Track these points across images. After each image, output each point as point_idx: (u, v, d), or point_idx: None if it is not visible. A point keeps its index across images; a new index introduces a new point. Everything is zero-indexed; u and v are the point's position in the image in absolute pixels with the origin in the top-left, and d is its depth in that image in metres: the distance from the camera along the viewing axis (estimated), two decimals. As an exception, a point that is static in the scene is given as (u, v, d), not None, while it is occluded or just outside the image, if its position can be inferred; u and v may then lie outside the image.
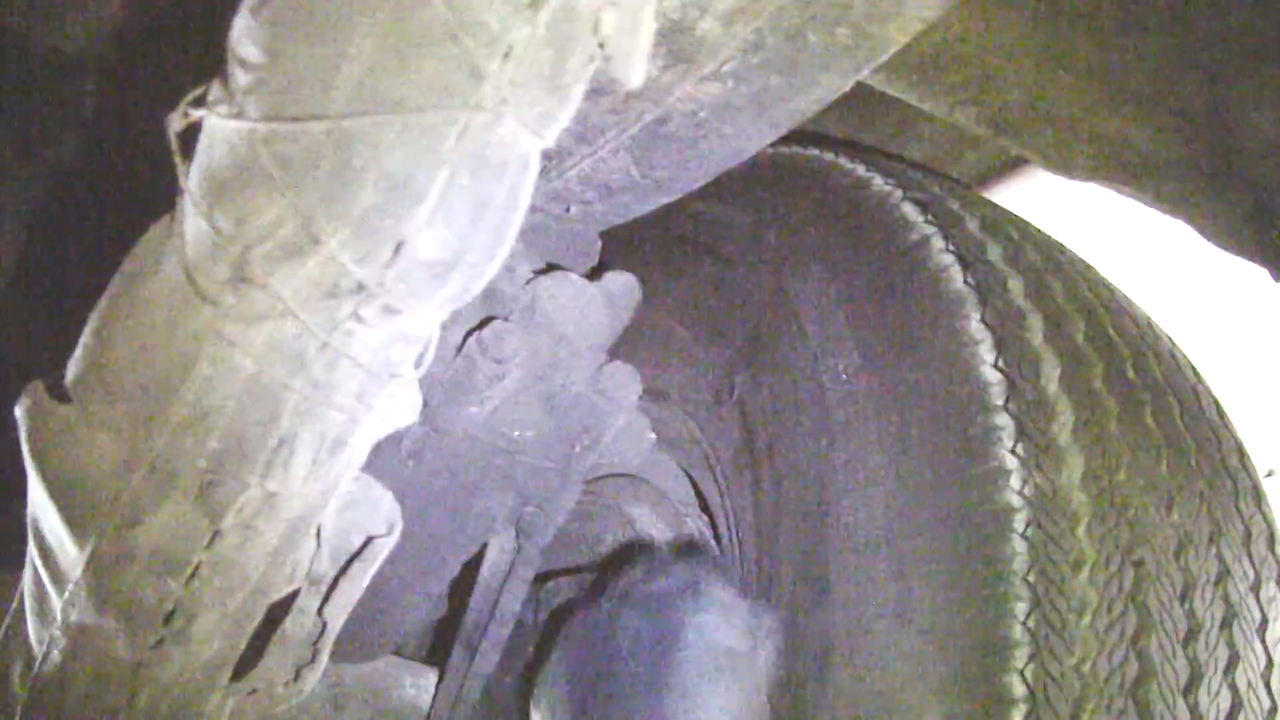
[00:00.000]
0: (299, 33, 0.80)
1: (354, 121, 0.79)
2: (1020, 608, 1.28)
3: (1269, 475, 4.50)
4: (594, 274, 1.45)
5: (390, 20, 0.78)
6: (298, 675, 1.12)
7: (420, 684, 1.88)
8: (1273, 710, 1.38)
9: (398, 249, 0.83)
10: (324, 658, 1.12)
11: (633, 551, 1.61)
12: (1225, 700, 1.34)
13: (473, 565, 1.61)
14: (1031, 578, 1.29)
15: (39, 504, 1.00)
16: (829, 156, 1.90)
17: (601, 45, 0.82)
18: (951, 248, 1.55)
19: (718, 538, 1.82)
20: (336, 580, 1.09)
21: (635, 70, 0.86)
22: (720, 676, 1.29)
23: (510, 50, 0.78)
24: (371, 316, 0.87)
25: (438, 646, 1.98)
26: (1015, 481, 1.33)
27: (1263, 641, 1.42)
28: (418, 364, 0.97)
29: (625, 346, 1.66)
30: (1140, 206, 1.80)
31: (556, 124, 0.84)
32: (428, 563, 1.53)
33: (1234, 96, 1.61)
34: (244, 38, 0.82)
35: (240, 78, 0.82)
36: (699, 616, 1.32)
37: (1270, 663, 1.41)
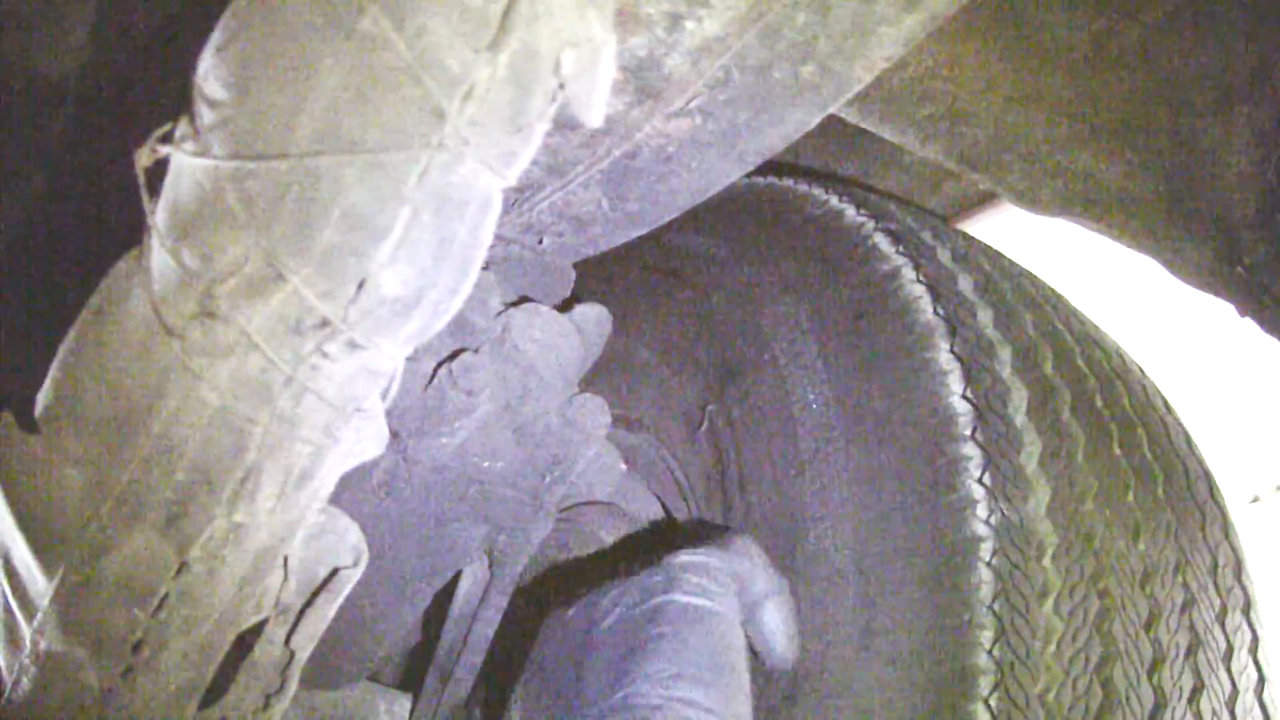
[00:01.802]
0: (263, 72, 0.82)
1: (317, 160, 0.80)
2: (986, 636, 1.29)
3: (1255, 501, 4.51)
4: (566, 305, 1.46)
5: (353, 60, 0.79)
6: (266, 704, 1.13)
7: (395, 710, 1.88)
8: (1237, 737, 1.39)
9: (361, 286, 0.84)
10: (292, 686, 1.13)
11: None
12: (1189, 728, 1.35)
13: (446, 593, 1.62)
14: (997, 606, 1.30)
15: (8, 534, 1.01)
16: (803, 187, 1.92)
17: (562, 85, 0.84)
18: (922, 278, 1.57)
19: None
20: (304, 610, 1.10)
21: (595, 109, 0.87)
22: (697, 630, 1.27)
23: (471, 90, 0.80)
24: (336, 352, 0.88)
25: (412, 673, 1.98)
26: (982, 511, 1.34)
27: (1228, 670, 1.43)
28: (383, 397, 0.98)
29: (599, 375, 1.67)
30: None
31: (518, 163, 0.86)
32: (401, 591, 1.54)
33: (1202, 133, 1.63)
34: (210, 76, 0.84)
35: (206, 115, 0.84)
36: (674, 593, 1.30)
37: (1235, 691, 1.42)
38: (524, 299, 1.42)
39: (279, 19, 0.82)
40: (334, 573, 1.10)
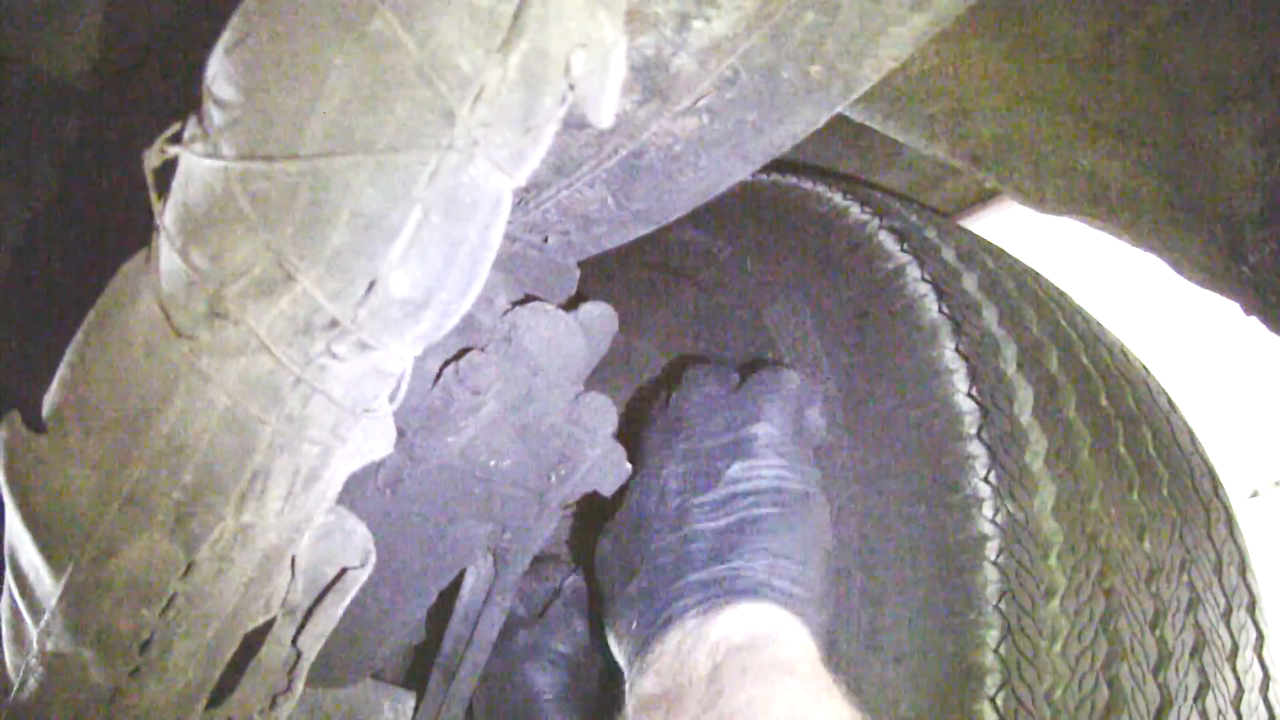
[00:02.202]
0: (273, 72, 0.82)
1: (327, 161, 0.80)
2: (992, 635, 1.29)
3: (1254, 496, 4.51)
4: (572, 304, 1.46)
5: (363, 61, 0.79)
6: (273, 704, 1.13)
7: (399, 708, 1.88)
8: (1243, 737, 1.39)
9: (370, 287, 0.84)
10: (299, 686, 1.13)
11: None
12: (1195, 727, 1.35)
13: (451, 592, 1.62)
14: (1003, 605, 1.30)
15: (15, 534, 1.01)
16: (807, 185, 1.92)
17: (572, 86, 0.84)
18: (927, 276, 1.57)
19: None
20: (311, 610, 1.10)
21: (605, 110, 0.87)
22: (798, 511, 1.39)
23: (482, 92, 0.80)
24: (345, 352, 0.88)
25: (416, 671, 1.98)
26: (988, 510, 1.34)
27: (1233, 669, 1.43)
28: (391, 398, 0.98)
29: (604, 373, 1.67)
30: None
31: (528, 164, 0.86)
32: (406, 589, 1.53)
33: (1207, 131, 1.63)
34: (219, 76, 0.84)
35: (215, 116, 0.83)
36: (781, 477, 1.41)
37: (1240, 690, 1.42)
38: (529, 298, 1.42)
39: (289, 20, 0.82)
40: (341, 572, 1.10)
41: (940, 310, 1.51)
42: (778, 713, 1.16)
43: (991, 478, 1.36)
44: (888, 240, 1.66)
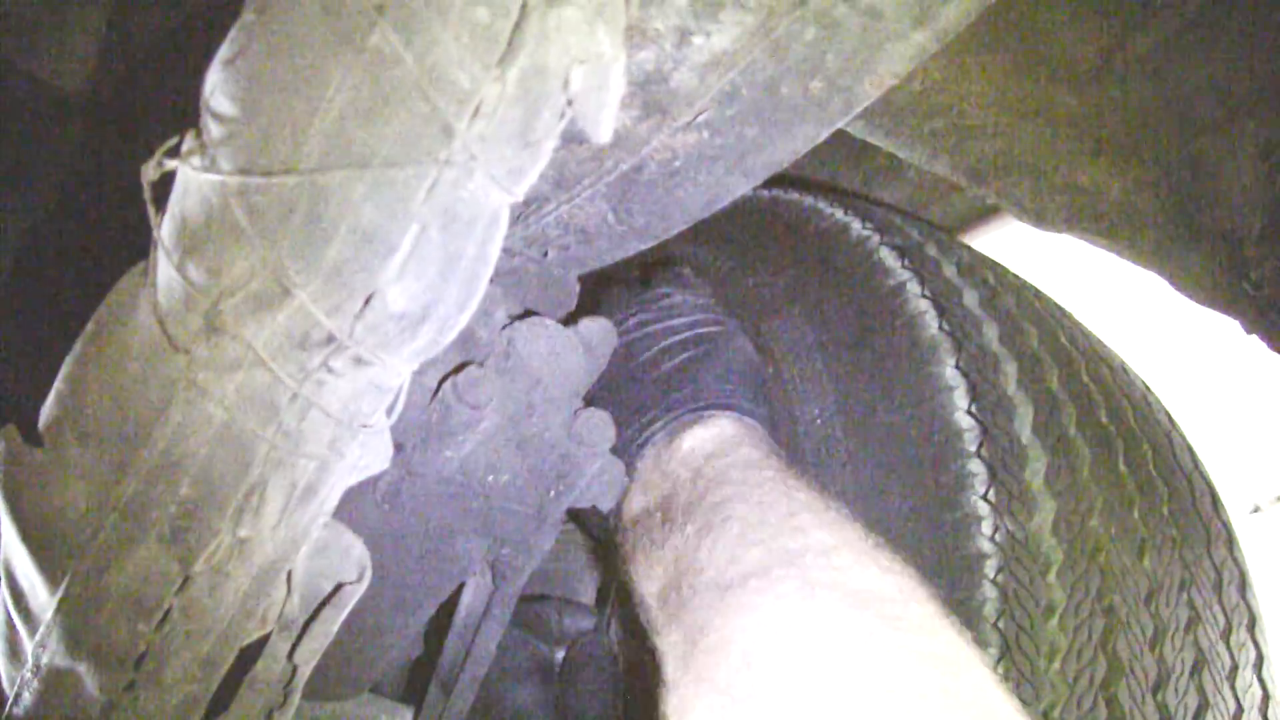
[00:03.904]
0: (271, 86, 0.82)
1: (325, 175, 0.80)
2: (990, 653, 1.28)
3: (1255, 511, 4.51)
4: (571, 319, 1.46)
5: (362, 75, 0.79)
6: (269, 718, 1.12)
7: (397, 722, 1.87)
8: (1241, 756, 1.39)
9: (368, 302, 0.84)
10: (295, 701, 1.12)
11: None
12: (1194, 747, 1.34)
13: (449, 606, 1.61)
14: (1002, 624, 1.29)
15: (11, 547, 1.01)
16: (808, 200, 1.92)
17: (571, 101, 0.83)
18: (927, 293, 1.56)
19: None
20: (307, 625, 1.09)
21: (604, 126, 0.87)
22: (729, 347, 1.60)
23: (480, 107, 0.79)
24: (342, 367, 0.88)
25: (414, 686, 1.97)
26: (986, 527, 1.34)
27: (1232, 688, 1.43)
28: (389, 413, 0.98)
29: (604, 389, 1.66)
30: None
31: (526, 179, 0.85)
32: (404, 603, 1.53)
33: (1209, 148, 1.63)
34: (217, 90, 0.83)
35: (213, 130, 0.83)
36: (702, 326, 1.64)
37: (1240, 709, 1.42)
38: (528, 312, 1.42)
39: (287, 34, 0.81)
40: (338, 587, 1.10)
41: (940, 327, 1.51)
42: (758, 499, 1.25)
43: (991, 495, 1.36)
44: (888, 256, 1.65)
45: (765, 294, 1.81)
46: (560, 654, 1.88)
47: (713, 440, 1.40)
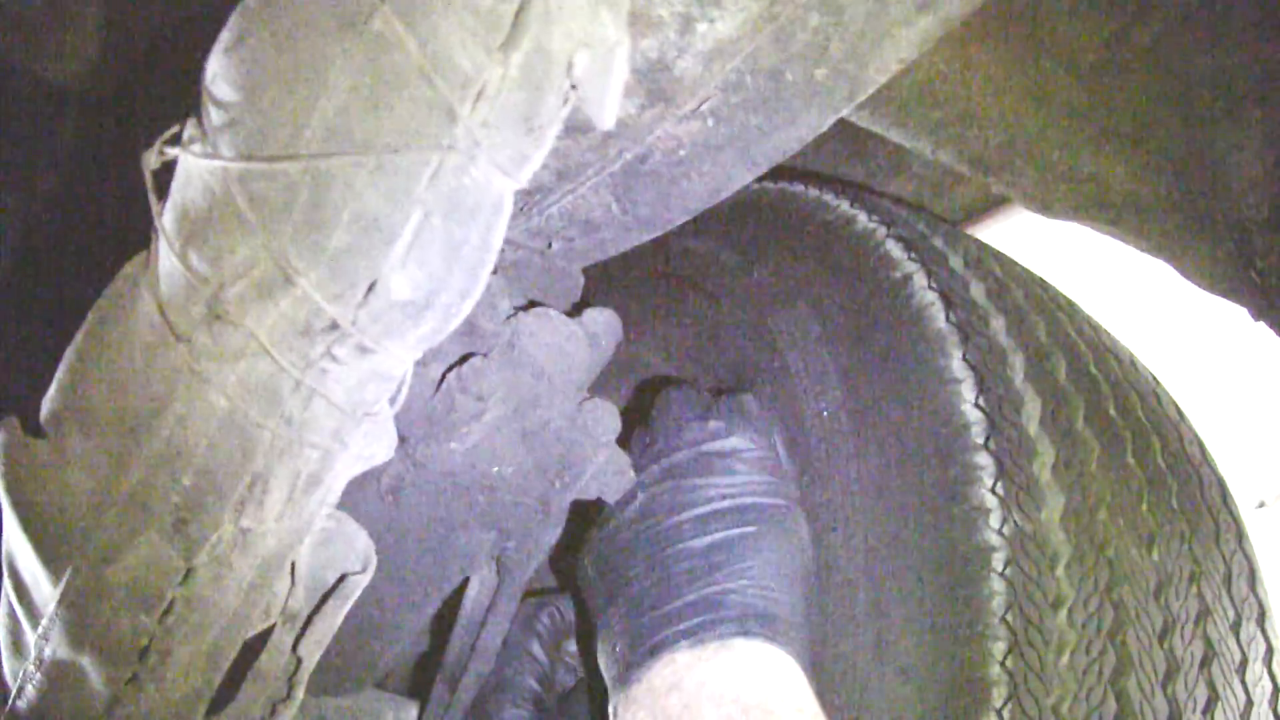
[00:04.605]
0: (272, 72, 0.81)
1: (327, 161, 0.79)
2: (999, 647, 1.27)
3: (1261, 506, 4.50)
4: (576, 310, 1.45)
5: (363, 61, 0.78)
6: (273, 711, 1.12)
7: (402, 717, 1.86)
8: (1251, 750, 1.38)
9: (371, 289, 0.83)
10: (299, 694, 1.12)
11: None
12: (1204, 740, 1.34)
13: (454, 600, 1.61)
14: (1010, 617, 1.28)
15: (13, 539, 1.00)
16: (814, 193, 1.91)
17: (574, 86, 0.83)
18: (934, 285, 1.55)
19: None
20: (311, 617, 1.09)
21: (608, 111, 0.86)
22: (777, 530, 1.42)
23: (483, 91, 0.79)
24: (345, 355, 0.87)
25: (419, 680, 1.97)
26: (995, 521, 1.33)
27: (1242, 681, 1.42)
28: (392, 402, 0.97)
29: (609, 381, 1.66)
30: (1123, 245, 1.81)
31: (530, 165, 0.85)
32: (409, 597, 1.53)
33: (1215, 136, 1.62)
34: (218, 76, 0.83)
35: (214, 116, 0.83)
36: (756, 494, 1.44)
37: (1250, 703, 1.41)
38: (533, 303, 1.41)
39: (288, 19, 0.81)
40: (342, 579, 1.09)
41: (948, 319, 1.50)
42: None
43: (999, 488, 1.35)
44: (895, 248, 1.64)
45: (771, 287, 1.80)
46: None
47: (731, 678, 1.27)
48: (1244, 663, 1.43)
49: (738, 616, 1.31)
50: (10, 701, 1.04)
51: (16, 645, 1.05)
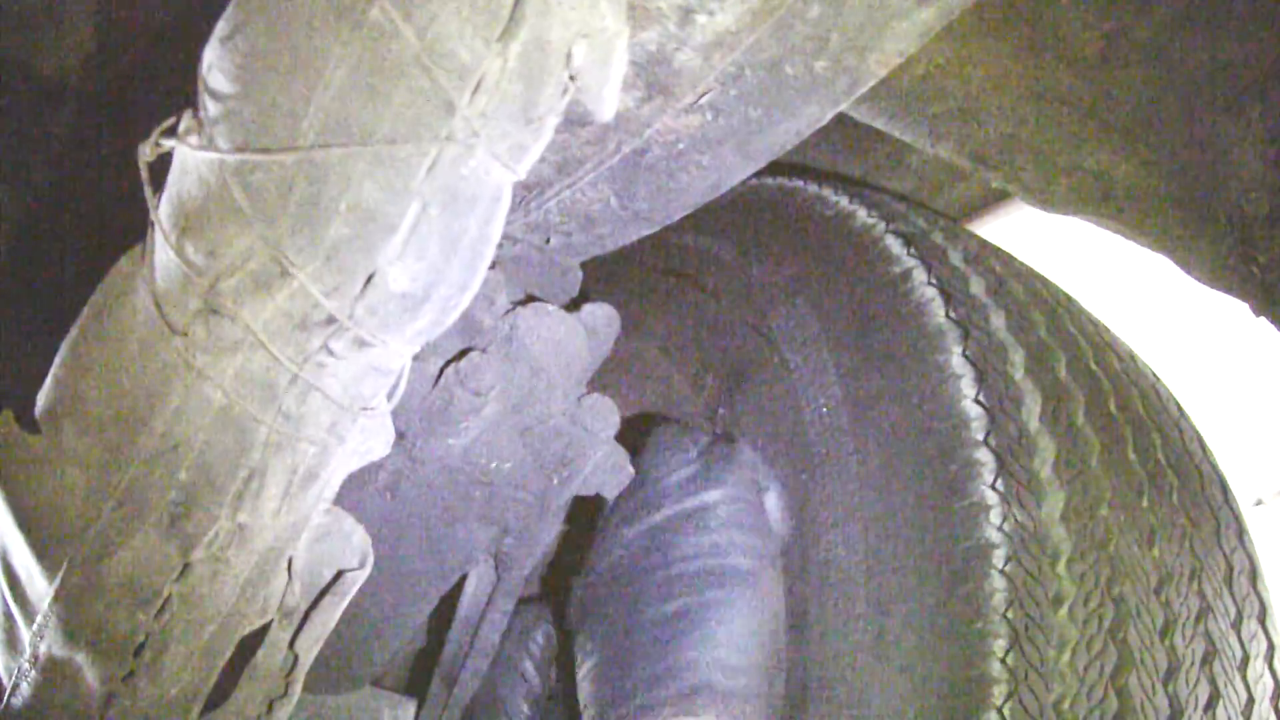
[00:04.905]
0: (269, 63, 0.80)
1: (324, 153, 0.79)
2: (999, 644, 1.27)
3: (1258, 504, 4.49)
4: (574, 305, 1.45)
5: (361, 51, 0.78)
6: (270, 708, 1.11)
7: (399, 715, 1.86)
8: (1252, 746, 1.37)
9: (368, 282, 0.83)
10: (296, 690, 1.11)
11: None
12: (1205, 737, 1.33)
13: (452, 596, 1.61)
14: (1011, 614, 1.28)
15: (8, 535, 1.00)
16: (813, 188, 1.90)
17: (573, 77, 0.82)
18: (934, 281, 1.55)
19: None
20: (308, 613, 1.08)
21: (607, 102, 0.86)
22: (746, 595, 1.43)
23: (481, 82, 0.78)
24: (342, 349, 0.87)
25: (417, 677, 1.96)
26: (995, 517, 1.32)
27: (1244, 678, 1.41)
28: (390, 396, 0.97)
29: (608, 377, 1.65)
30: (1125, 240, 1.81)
31: (529, 156, 0.84)
32: (407, 594, 1.52)
33: (1216, 131, 1.61)
34: (214, 68, 0.82)
35: (211, 108, 0.82)
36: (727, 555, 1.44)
37: (1251, 700, 1.40)
38: (531, 298, 1.41)
39: (285, 9, 0.80)
40: (339, 575, 1.09)
41: (948, 315, 1.49)
42: None
43: (999, 484, 1.35)
44: (894, 244, 1.64)
45: (770, 283, 1.79)
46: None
47: None
48: (1245, 660, 1.43)
49: (689, 692, 1.35)
50: (6, 698, 1.03)
51: (11, 642, 1.05)
